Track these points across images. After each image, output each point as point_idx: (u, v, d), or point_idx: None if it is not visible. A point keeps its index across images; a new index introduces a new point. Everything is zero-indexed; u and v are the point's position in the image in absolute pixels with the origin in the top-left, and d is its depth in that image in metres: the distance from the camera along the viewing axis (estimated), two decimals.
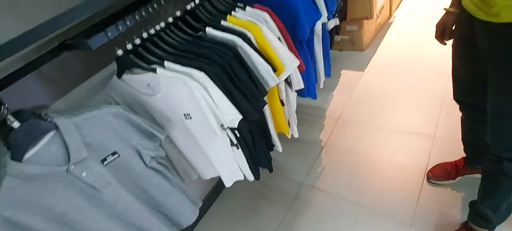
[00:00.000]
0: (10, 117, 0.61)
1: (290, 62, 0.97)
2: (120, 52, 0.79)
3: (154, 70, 0.77)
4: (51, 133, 0.66)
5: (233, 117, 0.85)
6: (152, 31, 0.84)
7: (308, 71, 1.27)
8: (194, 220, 1.02)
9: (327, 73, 1.44)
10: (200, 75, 0.77)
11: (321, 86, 1.46)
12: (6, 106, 0.58)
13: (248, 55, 0.88)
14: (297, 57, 1.00)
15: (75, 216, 0.70)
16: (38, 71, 0.83)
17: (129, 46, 0.80)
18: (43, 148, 0.65)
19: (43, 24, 0.63)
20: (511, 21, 0.63)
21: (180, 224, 1.00)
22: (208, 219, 1.50)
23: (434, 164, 1.35)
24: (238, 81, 0.85)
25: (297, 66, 1.00)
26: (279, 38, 0.97)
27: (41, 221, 0.65)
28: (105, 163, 0.76)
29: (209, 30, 0.89)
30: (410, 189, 1.32)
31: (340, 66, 2.16)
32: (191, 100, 0.80)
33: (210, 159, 1.01)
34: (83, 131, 0.70)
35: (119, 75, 0.84)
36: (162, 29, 0.85)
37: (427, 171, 1.35)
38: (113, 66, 0.88)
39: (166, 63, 0.79)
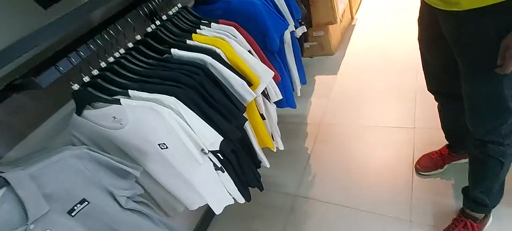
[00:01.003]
0: None
1: (265, 74, 0.94)
2: (76, 86, 0.71)
3: (118, 102, 0.70)
4: (1, 191, 0.57)
5: (213, 139, 0.80)
6: (111, 59, 0.77)
7: (283, 81, 1.25)
8: None
9: (303, 81, 1.43)
10: (171, 100, 0.72)
11: (299, 94, 1.45)
12: None
13: (220, 72, 0.83)
14: (271, 68, 0.97)
15: None
16: None
17: (86, 79, 0.72)
18: None
19: None
20: (472, 7, 0.65)
21: None
22: None
23: (420, 156, 1.36)
24: (213, 100, 0.80)
25: (273, 77, 0.97)
26: (250, 51, 0.94)
27: None
28: (73, 213, 0.66)
29: (175, 51, 0.84)
30: (402, 184, 1.31)
31: (313, 72, 2.19)
32: (164, 128, 0.74)
33: (195, 188, 0.94)
34: (42, 181, 0.61)
35: (79, 112, 0.76)
36: (122, 56, 0.79)
37: (414, 164, 1.36)
38: (72, 105, 0.80)
39: (130, 92, 0.72)
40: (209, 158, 0.88)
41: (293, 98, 1.36)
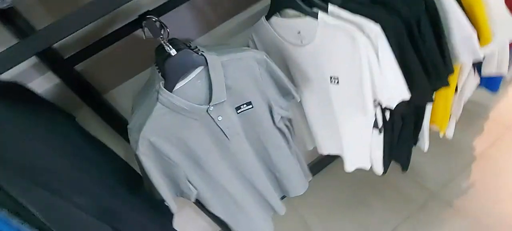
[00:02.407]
0: (169, 44, 0.59)
1: (504, 32, 0.64)
2: None
3: (315, 15, 0.61)
4: (200, 68, 0.62)
5: (398, 94, 0.63)
6: None
7: None
8: (303, 192, 0.93)
9: None
10: (375, 29, 0.57)
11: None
12: (167, 30, 0.55)
13: (445, 10, 0.60)
14: None
15: (203, 155, 0.68)
16: (191, 2, 0.80)
17: None
18: (190, 83, 0.62)
19: None
20: None
21: (288, 192, 0.93)
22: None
23: None
24: (422, 44, 0.60)
25: None
26: None
27: (176, 153, 0.65)
28: (239, 111, 0.70)
29: None
30: None
31: None
32: (350, 60, 0.62)
33: (340, 135, 0.84)
34: (227, 72, 0.64)
35: (269, 16, 0.72)
36: None
37: None
38: (257, 7, 0.78)
39: (330, 6, 0.61)
40: (375, 112, 0.73)
41: (500, 80, 0.96)
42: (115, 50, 0.79)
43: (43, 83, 0.79)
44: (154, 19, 0.55)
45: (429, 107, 0.83)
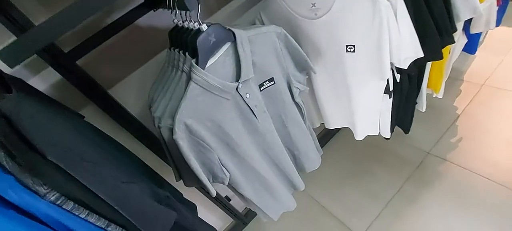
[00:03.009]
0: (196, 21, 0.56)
1: None
2: None
3: None
4: (227, 45, 0.60)
5: (413, 53, 0.68)
6: None
7: None
8: (318, 166, 0.95)
9: (498, 22, 1.09)
10: None
11: (483, 40, 1.13)
12: (199, 5, 0.52)
13: None
14: None
15: (236, 138, 0.66)
16: None
17: None
18: (219, 60, 0.60)
19: None
20: None
21: (304, 168, 0.94)
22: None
23: None
24: (434, 4, 0.65)
25: None
26: None
27: (210, 137, 0.62)
28: (262, 88, 0.69)
29: None
30: None
31: None
32: (369, 25, 0.65)
33: (351, 106, 0.88)
34: (253, 47, 0.63)
35: None
36: None
37: None
38: None
39: None
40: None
41: (478, 41, 1.07)
42: (118, 40, 0.74)
43: (37, 84, 0.71)
44: None
45: (428, 68, 0.90)
